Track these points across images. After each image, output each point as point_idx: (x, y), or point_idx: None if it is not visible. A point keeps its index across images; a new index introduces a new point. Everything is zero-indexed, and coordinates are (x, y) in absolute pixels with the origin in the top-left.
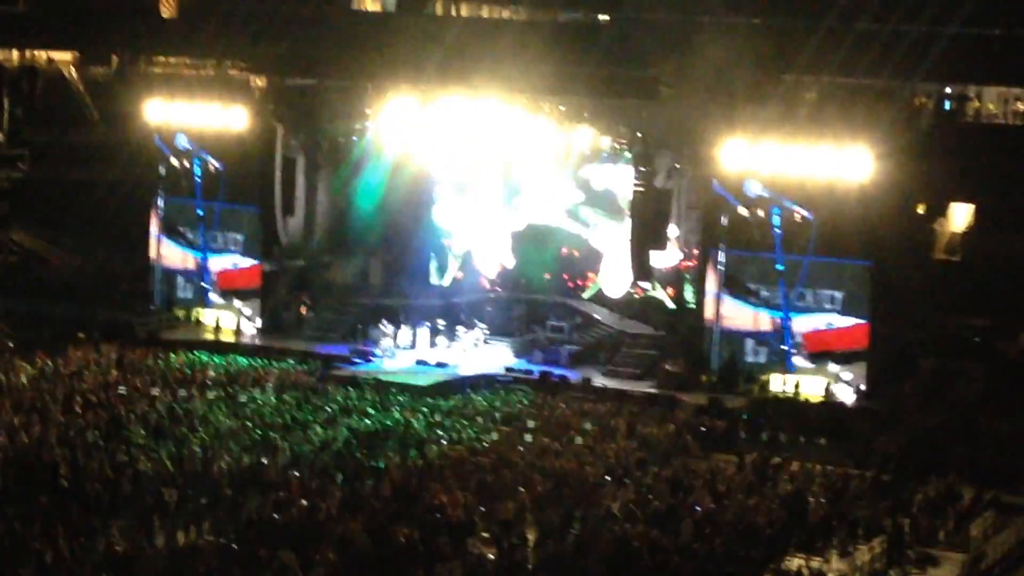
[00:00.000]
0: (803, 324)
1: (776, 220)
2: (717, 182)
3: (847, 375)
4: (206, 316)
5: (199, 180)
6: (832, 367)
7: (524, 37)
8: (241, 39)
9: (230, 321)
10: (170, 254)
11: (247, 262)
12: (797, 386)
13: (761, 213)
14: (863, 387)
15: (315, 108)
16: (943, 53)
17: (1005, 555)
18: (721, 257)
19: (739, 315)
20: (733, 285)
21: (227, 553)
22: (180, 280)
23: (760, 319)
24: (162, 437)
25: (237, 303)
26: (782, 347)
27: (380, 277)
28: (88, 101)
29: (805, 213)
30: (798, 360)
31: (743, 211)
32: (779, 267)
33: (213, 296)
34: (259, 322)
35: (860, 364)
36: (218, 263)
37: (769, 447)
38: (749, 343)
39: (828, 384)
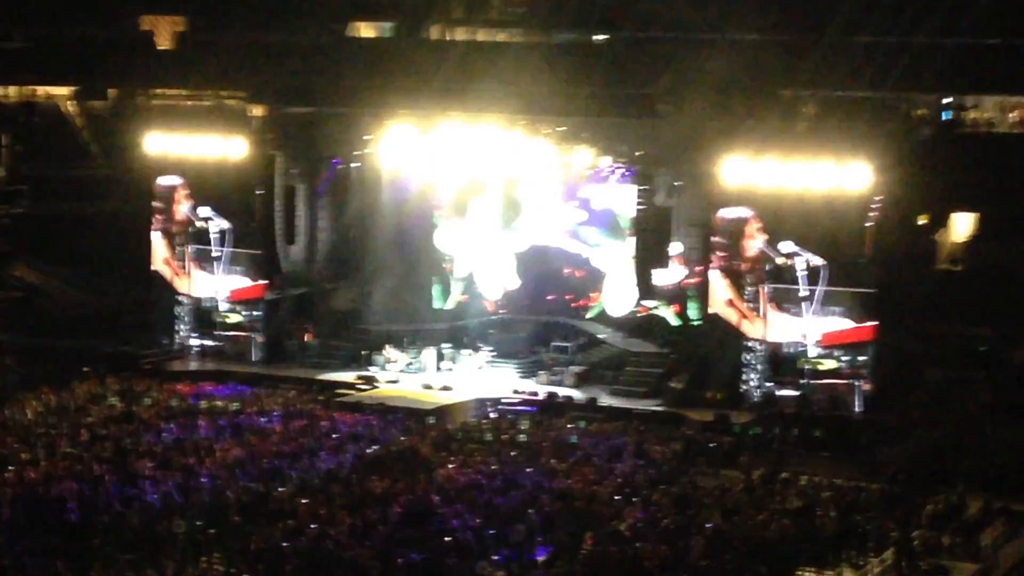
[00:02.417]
0: (821, 327)
1: (801, 265)
2: (763, 243)
3: (846, 358)
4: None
5: (216, 235)
6: (836, 352)
7: (521, 59)
8: (238, 69)
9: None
10: (200, 285)
11: (249, 282)
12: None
13: (790, 261)
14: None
15: (314, 136)
16: (941, 64)
17: (1016, 564)
18: (768, 289)
19: (785, 328)
20: (778, 307)
21: None
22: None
23: (795, 328)
24: (169, 468)
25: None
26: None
27: (383, 303)
28: (87, 135)
29: (822, 261)
30: (816, 349)
31: (780, 260)
32: (803, 294)
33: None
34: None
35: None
36: (231, 283)
37: (777, 462)
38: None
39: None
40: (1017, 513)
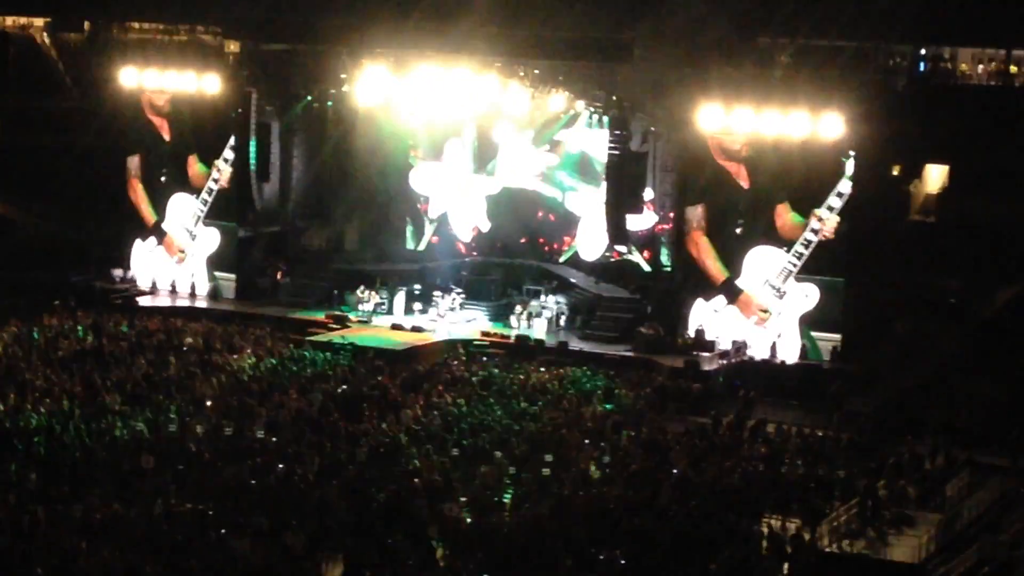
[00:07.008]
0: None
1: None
2: None
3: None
4: None
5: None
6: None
7: (498, 0)
8: (214, 3)
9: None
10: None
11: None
12: None
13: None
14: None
15: (289, 73)
16: (918, 14)
17: (980, 515)
18: None
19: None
20: None
21: (204, 519)
22: None
23: None
24: (139, 404)
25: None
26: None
27: (356, 242)
28: (61, 67)
29: None
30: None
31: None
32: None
33: None
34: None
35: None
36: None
37: (745, 409)
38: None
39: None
40: (982, 464)
